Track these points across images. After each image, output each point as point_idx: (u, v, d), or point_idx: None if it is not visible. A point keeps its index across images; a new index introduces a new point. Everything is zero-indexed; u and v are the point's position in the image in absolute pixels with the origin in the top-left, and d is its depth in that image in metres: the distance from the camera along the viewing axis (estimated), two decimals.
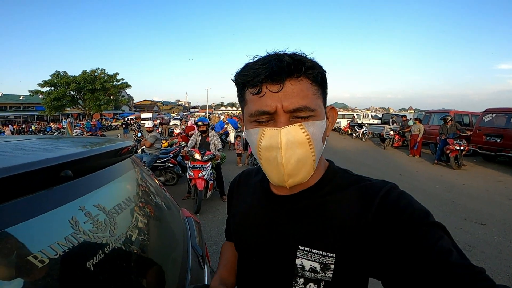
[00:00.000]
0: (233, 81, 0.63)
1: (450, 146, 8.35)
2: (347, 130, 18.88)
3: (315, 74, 0.57)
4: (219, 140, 5.47)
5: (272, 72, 0.54)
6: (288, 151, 0.56)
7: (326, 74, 0.62)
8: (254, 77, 0.56)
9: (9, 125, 23.50)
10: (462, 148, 8.26)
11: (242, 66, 0.60)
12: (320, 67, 0.60)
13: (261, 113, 0.57)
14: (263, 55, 0.59)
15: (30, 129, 24.97)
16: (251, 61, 0.60)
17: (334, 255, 0.58)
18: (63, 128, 19.66)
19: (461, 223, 4.35)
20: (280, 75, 0.55)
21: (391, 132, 12.93)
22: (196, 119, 6.28)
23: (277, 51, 0.58)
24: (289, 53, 0.58)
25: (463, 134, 8.81)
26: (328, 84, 0.63)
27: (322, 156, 0.67)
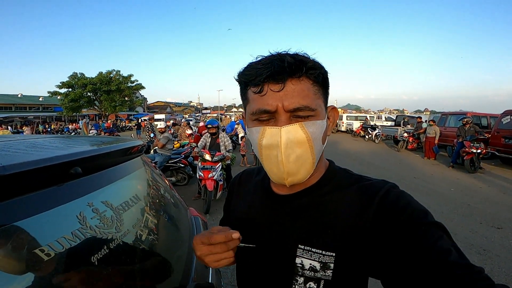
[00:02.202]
0: (236, 80, 0.64)
1: (466, 149, 8.10)
2: (359, 132, 18.59)
3: (316, 74, 0.58)
4: (230, 141, 5.50)
5: (274, 72, 0.55)
6: (288, 150, 0.57)
7: (328, 74, 0.62)
8: (256, 76, 0.57)
9: (9, 127, 22.34)
10: (479, 151, 7.98)
11: (245, 66, 0.61)
12: (322, 67, 0.60)
13: (262, 111, 0.58)
14: (266, 55, 0.60)
15: (47, 129, 25.21)
16: (254, 60, 0.60)
17: (333, 254, 0.58)
18: (80, 128, 20.19)
19: (477, 226, 4.22)
20: (281, 75, 0.55)
21: (405, 134, 12.65)
22: (206, 120, 6.33)
23: (279, 52, 0.59)
24: (291, 53, 0.58)
25: (481, 137, 8.53)
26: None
27: (323, 156, 0.67)
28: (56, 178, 0.68)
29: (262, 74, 0.56)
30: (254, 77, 0.57)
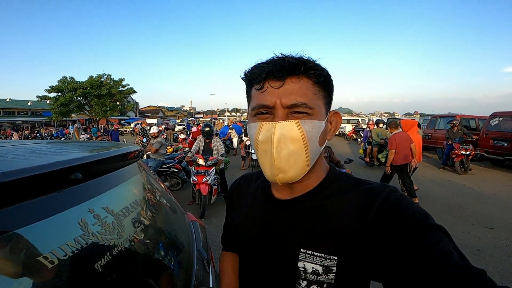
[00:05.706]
0: (242, 79, 0.66)
1: (456, 151, 8.23)
2: (351, 135, 18.76)
3: (316, 75, 0.59)
4: (222, 146, 5.49)
5: (274, 69, 0.58)
6: (280, 145, 0.58)
7: (331, 78, 0.63)
8: (259, 74, 0.60)
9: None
10: (468, 153, 8.12)
11: (252, 65, 0.63)
12: (324, 69, 0.62)
13: (261, 106, 0.60)
14: (272, 57, 0.62)
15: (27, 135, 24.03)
16: (261, 61, 0.63)
17: (336, 258, 0.58)
18: (70, 133, 19.83)
19: (469, 227, 4.29)
20: (281, 72, 0.58)
21: None
22: (202, 124, 6.31)
23: (283, 53, 0.61)
24: (294, 55, 0.60)
25: (469, 139, 8.68)
26: (334, 89, 0.65)
27: (322, 159, 0.68)
28: (57, 184, 0.67)
29: (263, 72, 0.59)
30: (257, 75, 0.60)
